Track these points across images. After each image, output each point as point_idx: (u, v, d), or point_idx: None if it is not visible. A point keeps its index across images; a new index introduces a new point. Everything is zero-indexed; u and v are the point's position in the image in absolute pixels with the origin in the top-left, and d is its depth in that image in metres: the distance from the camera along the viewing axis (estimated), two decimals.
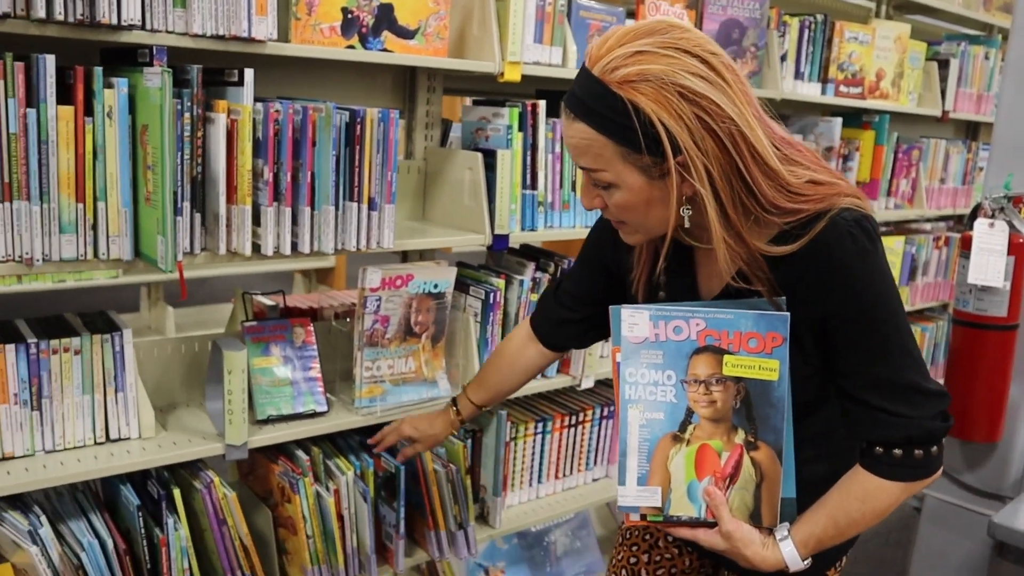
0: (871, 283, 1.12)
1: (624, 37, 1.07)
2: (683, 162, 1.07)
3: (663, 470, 1.20)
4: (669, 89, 1.03)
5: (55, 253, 1.50)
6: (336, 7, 1.76)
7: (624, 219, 1.19)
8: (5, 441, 1.61)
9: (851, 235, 1.11)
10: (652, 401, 1.19)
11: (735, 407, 1.18)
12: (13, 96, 1.40)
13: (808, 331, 1.16)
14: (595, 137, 1.09)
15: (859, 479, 1.19)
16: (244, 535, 1.79)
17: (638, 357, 1.19)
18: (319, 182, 1.69)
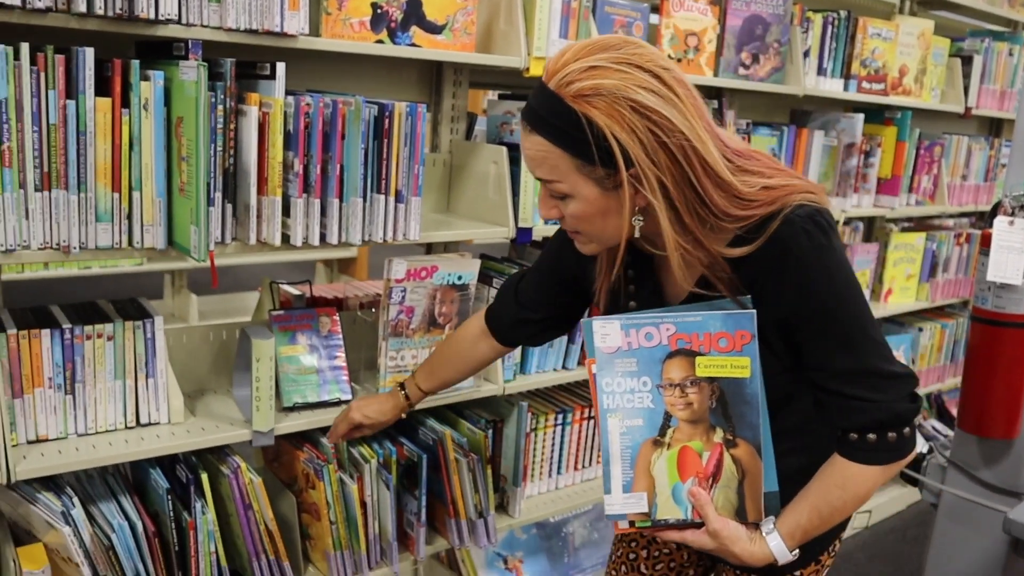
0: (828, 276, 1.15)
1: (580, 52, 1.10)
2: (635, 174, 1.10)
3: (647, 475, 1.22)
4: (622, 103, 1.06)
5: (91, 241, 1.54)
6: (366, 2, 1.78)
7: (580, 229, 1.21)
8: (39, 424, 1.65)
9: (805, 231, 1.13)
10: (630, 408, 1.21)
11: (711, 407, 1.20)
12: (53, 88, 1.44)
13: (774, 328, 1.19)
14: (551, 149, 1.12)
15: (838, 467, 1.21)
16: (269, 520, 1.83)
17: (613, 367, 1.21)
18: (348, 174, 1.71)
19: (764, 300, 1.17)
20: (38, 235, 1.49)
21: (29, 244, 1.48)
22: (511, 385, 2.18)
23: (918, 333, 3.47)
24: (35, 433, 1.65)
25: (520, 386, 2.21)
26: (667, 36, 2.33)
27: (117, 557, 1.65)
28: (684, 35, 2.36)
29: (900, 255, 3.31)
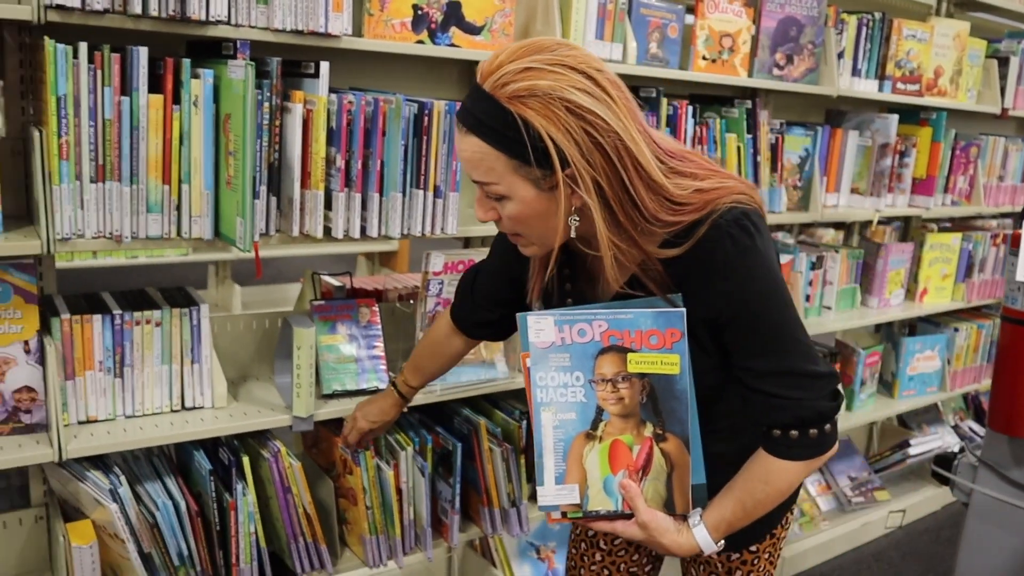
0: (752, 280, 1.17)
1: (514, 54, 1.11)
2: (571, 174, 1.11)
3: (579, 468, 1.24)
4: (557, 104, 1.07)
5: (142, 231, 1.61)
6: (407, 4, 1.84)
7: (518, 231, 1.22)
8: (90, 405, 1.72)
9: (730, 235, 1.15)
10: (563, 402, 1.23)
11: (642, 402, 1.22)
12: (109, 85, 1.51)
13: (703, 326, 1.21)
14: (487, 151, 1.12)
15: (761, 462, 1.25)
16: (307, 503, 1.89)
17: (547, 361, 1.22)
18: (388, 170, 1.77)
19: (692, 300, 1.19)
20: (92, 224, 1.56)
21: (84, 233, 1.56)
22: None
23: (954, 333, 3.45)
24: (85, 414, 1.72)
25: None
26: (702, 37, 2.35)
27: (161, 534, 1.72)
28: (719, 36, 2.38)
29: (936, 255, 3.29)
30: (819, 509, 3.21)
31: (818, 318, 2.97)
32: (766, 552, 1.47)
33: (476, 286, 1.58)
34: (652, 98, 2.23)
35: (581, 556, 1.64)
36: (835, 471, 3.31)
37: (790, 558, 2.96)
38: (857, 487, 3.30)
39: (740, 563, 1.47)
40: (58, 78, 1.46)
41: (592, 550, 1.62)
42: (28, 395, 1.65)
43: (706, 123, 2.36)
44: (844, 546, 3.18)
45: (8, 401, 1.64)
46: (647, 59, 2.26)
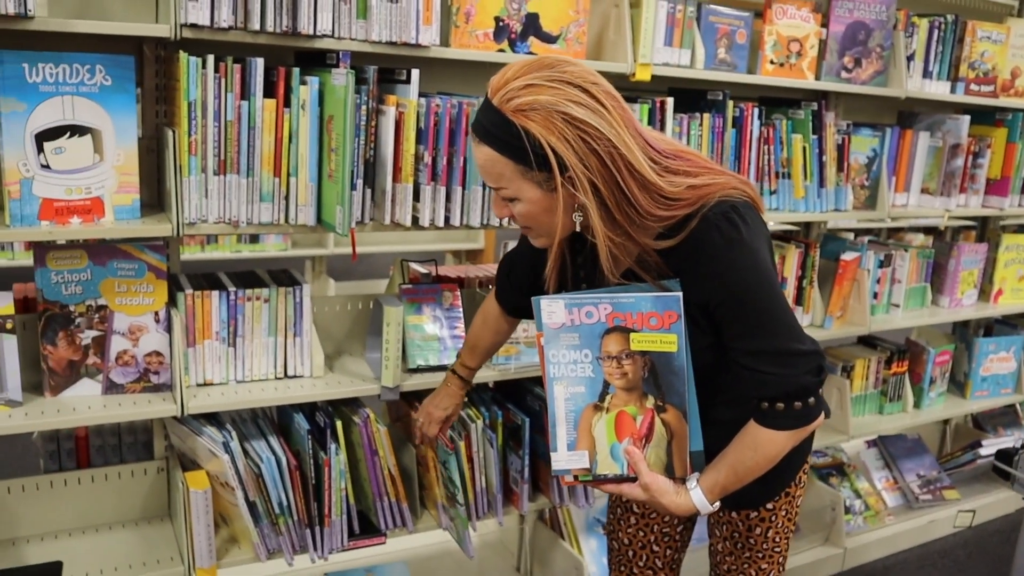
0: (740, 268, 1.30)
1: (519, 71, 1.27)
2: (570, 177, 1.26)
3: (588, 436, 1.39)
4: (555, 116, 1.22)
5: (255, 217, 1.84)
6: (490, 16, 2.03)
7: (529, 226, 1.38)
8: (207, 370, 1.96)
9: (717, 227, 1.29)
10: (574, 377, 1.37)
11: (644, 377, 1.36)
12: (231, 91, 1.75)
13: (698, 309, 1.35)
14: (497, 158, 1.28)
15: (751, 432, 1.38)
16: (392, 466, 2.10)
17: (558, 340, 1.36)
18: (470, 166, 1.96)
19: (687, 286, 1.32)
20: (214, 211, 1.80)
21: (207, 218, 1.80)
22: None
23: None
24: (203, 377, 1.96)
25: None
26: (770, 43, 2.47)
27: (265, 485, 1.95)
28: (787, 41, 2.50)
29: (1012, 256, 3.31)
30: (885, 504, 3.27)
31: (885, 315, 3.04)
32: (782, 509, 1.61)
33: (511, 273, 1.76)
34: (719, 101, 2.37)
35: (618, 520, 1.79)
36: (903, 468, 3.36)
37: (852, 549, 3.04)
38: (925, 485, 3.34)
39: (759, 520, 1.61)
40: (190, 85, 1.71)
41: (627, 514, 1.77)
42: (156, 359, 1.91)
43: (772, 124, 2.48)
44: (909, 542, 3.23)
45: (141, 363, 1.90)
46: (715, 64, 2.39)
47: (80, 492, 2.08)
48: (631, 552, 1.77)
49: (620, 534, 1.79)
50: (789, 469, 1.54)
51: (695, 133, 2.35)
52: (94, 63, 1.69)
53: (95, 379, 1.89)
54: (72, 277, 1.82)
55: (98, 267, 1.84)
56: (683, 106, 2.35)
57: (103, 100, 1.71)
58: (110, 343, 1.87)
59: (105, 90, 1.71)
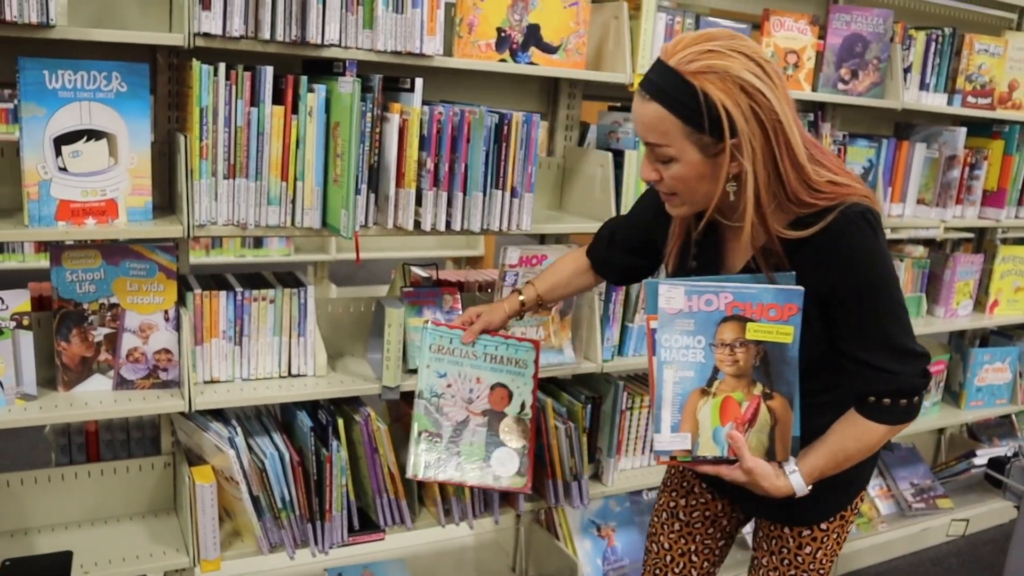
0: (871, 265, 1.35)
1: (697, 39, 1.32)
2: (736, 144, 1.30)
3: (692, 419, 1.44)
4: (732, 81, 1.27)
5: (263, 220, 1.90)
6: (492, 27, 2.09)
7: (676, 191, 1.41)
8: (214, 367, 2.02)
9: (857, 225, 1.34)
10: (684, 362, 1.43)
11: (755, 365, 1.42)
12: (241, 98, 1.81)
13: (814, 303, 1.39)
14: (666, 116, 1.31)
15: (854, 422, 1.44)
16: (391, 464, 2.16)
17: (672, 325, 1.41)
18: (471, 172, 2.02)
19: (811, 279, 1.38)
20: (223, 214, 1.87)
21: (216, 221, 1.86)
22: (609, 365, 2.43)
23: None
24: (210, 375, 2.02)
25: (617, 366, 2.46)
26: (767, 54, 2.52)
27: (268, 480, 2.01)
28: (784, 53, 2.55)
29: (1008, 267, 3.35)
30: (878, 512, 3.31)
31: None
32: (835, 532, 1.62)
33: (617, 232, 1.82)
34: None
35: (662, 524, 1.81)
36: (897, 476, 3.40)
37: (845, 555, 3.08)
38: (919, 493, 3.38)
39: (811, 539, 1.61)
40: (201, 92, 1.77)
41: (672, 520, 1.79)
42: (165, 356, 1.97)
43: None
44: (902, 549, 3.27)
45: (150, 360, 1.96)
46: None
47: (90, 485, 2.14)
48: (669, 558, 1.79)
49: (662, 539, 1.81)
50: (851, 489, 1.59)
51: None
52: (110, 70, 1.76)
53: (106, 375, 1.95)
54: (86, 276, 1.89)
55: (111, 267, 1.90)
56: None
57: (118, 106, 1.78)
58: (121, 340, 1.94)
59: (121, 96, 1.78)
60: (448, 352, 1.65)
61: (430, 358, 1.61)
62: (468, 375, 1.64)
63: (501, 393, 1.67)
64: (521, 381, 1.67)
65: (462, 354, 1.65)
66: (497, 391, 1.67)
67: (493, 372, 1.68)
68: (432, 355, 1.62)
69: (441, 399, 1.63)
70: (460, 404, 1.63)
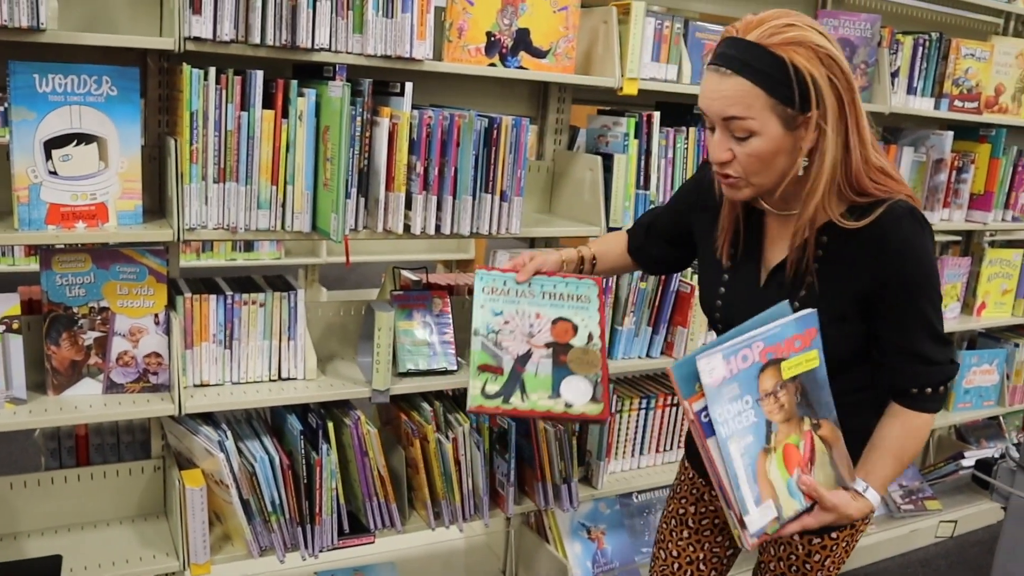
0: (920, 261, 1.36)
1: (773, 14, 1.31)
2: (822, 114, 1.30)
3: (767, 483, 1.30)
4: (815, 52, 1.28)
5: (253, 224, 1.91)
6: (481, 31, 2.10)
7: (748, 169, 1.36)
8: (204, 371, 2.03)
9: (908, 220, 1.35)
10: (742, 429, 1.28)
11: (798, 402, 1.35)
12: (231, 102, 1.82)
13: (854, 300, 1.40)
14: (750, 89, 1.29)
15: (905, 418, 1.43)
16: (382, 467, 2.16)
17: (721, 396, 1.26)
18: (460, 176, 2.03)
19: (859, 272, 1.38)
20: (213, 217, 1.87)
21: (206, 224, 1.87)
22: None
23: (1014, 349, 3.52)
24: (200, 378, 2.03)
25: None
26: None
27: (258, 483, 2.01)
28: None
29: (995, 270, 3.38)
30: None
31: None
32: (844, 540, 1.60)
33: (655, 222, 1.79)
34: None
35: (671, 531, 1.80)
36: None
37: None
38: (907, 495, 3.40)
39: (820, 547, 1.59)
40: (192, 96, 1.78)
41: (681, 527, 1.78)
42: (155, 359, 1.97)
43: None
44: (891, 551, 3.28)
45: (140, 363, 1.96)
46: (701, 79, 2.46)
47: (79, 489, 2.14)
48: (677, 565, 1.79)
49: (671, 546, 1.80)
50: None
51: (681, 146, 2.42)
52: (101, 74, 1.76)
53: (96, 379, 1.95)
54: (76, 280, 1.89)
55: (101, 270, 1.90)
56: (669, 120, 2.42)
57: (109, 110, 1.78)
58: (111, 344, 1.94)
59: (111, 100, 1.78)
60: (503, 293, 1.56)
61: (484, 299, 1.53)
62: (526, 312, 1.54)
63: (564, 326, 1.57)
64: (585, 314, 1.55)
65: (518, 293, 1.54)
66: (560, 324, 1.57)
67: (553, 308, 1.58)
68: (486, 296, 1.54)
69: (499, 335, 1.54)
70: (520, 338, 1.54)
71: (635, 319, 2.47)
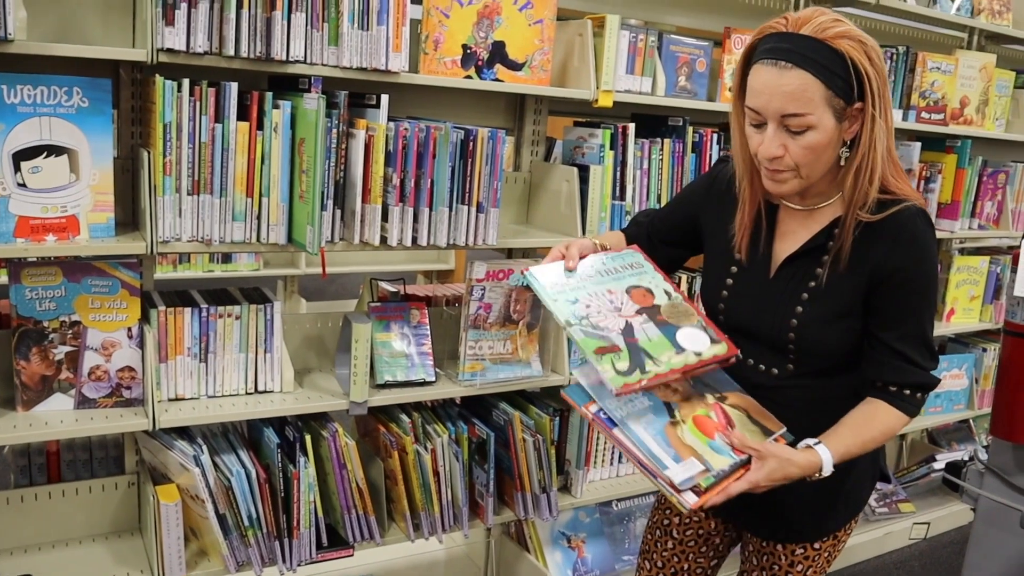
0: (926, 257, 1.43)
1: (817, 11, 1.36)
2: (866, 107, 1.35)
3: (684, 446, 1.40)
4: (864, 47, 1.33)
5: (228, 236, 1.90)
6: (457, 44, 2.11)
7: (803, 162, 1.39)
8: (179, 385, 2.00)
9: (921, 218, 1.43)
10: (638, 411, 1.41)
11: (692, 384, 1.45)
12: (206, 114, 1.81)
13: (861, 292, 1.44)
14: (811, 82, 1.31)
15: (876, 407, 1.47)
16: (360, 479, 2.15)
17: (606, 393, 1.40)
18: (437, 188, 2.03)
19: (865, 264, 1.42)
20: (188, 230, 1.85)
21: (180, 237, 1.85)
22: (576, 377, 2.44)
23: (982, 353, 3.57)
24: (175, 392, 2.00)
25: None
26: (729, 71, 2.57)
27: (235, 498, 1.99)
28: None
29: (963, 277, 3.43)
30: None
31: None
32: (826, 551, 1.63)
33: (652, 221, 1.79)
34: (679, 126, 2.46)
35: (655, 542, 1.82)
36: None
37: None
38: (882, 498, 3.44)
39: (803, 557, 1.62)
40: (165, 108, 1.76)
41: (665, 538, 1.80)
42: (129, 374, 1.95)
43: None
44: (866, 553, 3.32)
45: (113, 378, 1.94)
46: (675, 91, 2.49)
47: (51, 506, 2.11)
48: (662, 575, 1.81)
49: (655, 556, 1.81)
50: (849, 509, 1.60)
51: (656, 158, 2.44)
52: (72, 85, 1.74)
53: (68, 394, 1.92)
54: (46, 293, 1.86)
55: (72, 284, 1.88)
56: (644, 131, 2.44)
57: (80, 121, 1.76)
58: (83, 358, 1.91)
59: (82, 111, 1.76)
60: (564, 284, 1.55)
61: (553, 294, 1.51)
62: (597, 292, 1.53)
63: (640, 292, 1.56)
64: (648, 277, 1.57)
65: (579, 279, 1.56)
66: (635, 292, 1.57)
67: (618, 281, 1.57)
68: (553, 291, 1.53)
69: (589, 318, 1.50)
70: (611, 315, 1.51)
71: None
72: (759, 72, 1.36)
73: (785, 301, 1.50)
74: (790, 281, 1.50)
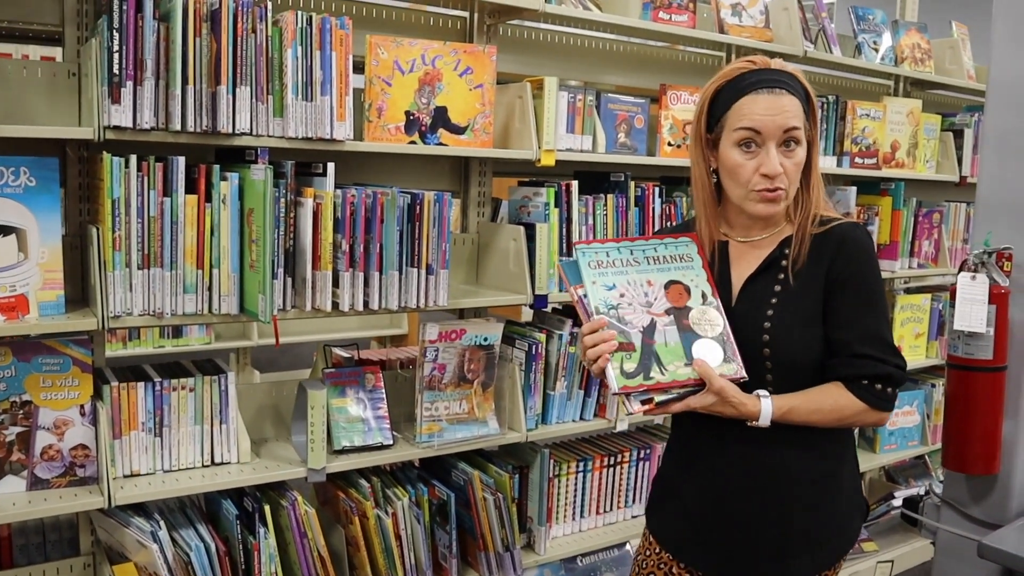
0: (871, 261, 1.58)
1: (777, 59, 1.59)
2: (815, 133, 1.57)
3: None
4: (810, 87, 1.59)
5: (180, 308, 1.91)
6: (400, 111, 2.17)
7: (793, 178, 1.57)
8: (134, 460, 1.99)
9: (861, 230, 1.60)
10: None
11: None
12: (154, 188, 1.83)
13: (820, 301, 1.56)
14: (799, 105, 1.55)
15: (835, 386, 1.56)
16: (322, 547, 2.13)
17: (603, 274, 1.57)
18: (386, 252, 2.07)
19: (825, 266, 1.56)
20: (139, 304, 1.86)
21: (132, 311, 1.86)
22: (533, 434, 2.46)
23: (931, 389, 3.65)
24: (130, 468, 1.99)
25: (542, 435, 2.50)
26: (666, 126, 2.67)
27: (194, 572, 1.96)
28: (682, 124, 2.69)
29: (908, 315, 3.53)
30: None
31: None
32: None
33: None
34: (621, 182, 2.54)
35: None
36: None
37: None
38: None
39: None
40: (113, 184, 1.79)
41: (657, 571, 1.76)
42: (82, 452, 1.93)
43: (673, 201, 2.66)
44: None
45: (66, 457, 1.92)
46: (616, 147, 2.57)
47: None
48: None
49: None
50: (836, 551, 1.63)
51: (600, 213, 2.51)
52: (19, 165, 1.76)
53: (19, 475, 1.90)
54: None
55: (23, 363, 1.87)
56: (588, 188, 2.51)
57: (27, 201, 1.78)
58: (35, 439, 1.89)
59: (30, 191, 1.78)
60: (609, 264, 1.60)
61: (593, 275, 1.56)
62: (637, 280, 1.58)
63: (678, 289, 1.61)
64: (693, 274, 1.59)
65: (624, 263, 1.59)
66: (673, 288, 1.61)
67: (661, 272, 1.61)
68: (594, 271, 1.57)
69: (619, 309, 1.55)
70: (640, 310, 1.56)
71: (567, 383, 2.51)
72: (756, 99, 1.53)
73: (753, 315, 1.58)
74: (753, 299, 1.60)
